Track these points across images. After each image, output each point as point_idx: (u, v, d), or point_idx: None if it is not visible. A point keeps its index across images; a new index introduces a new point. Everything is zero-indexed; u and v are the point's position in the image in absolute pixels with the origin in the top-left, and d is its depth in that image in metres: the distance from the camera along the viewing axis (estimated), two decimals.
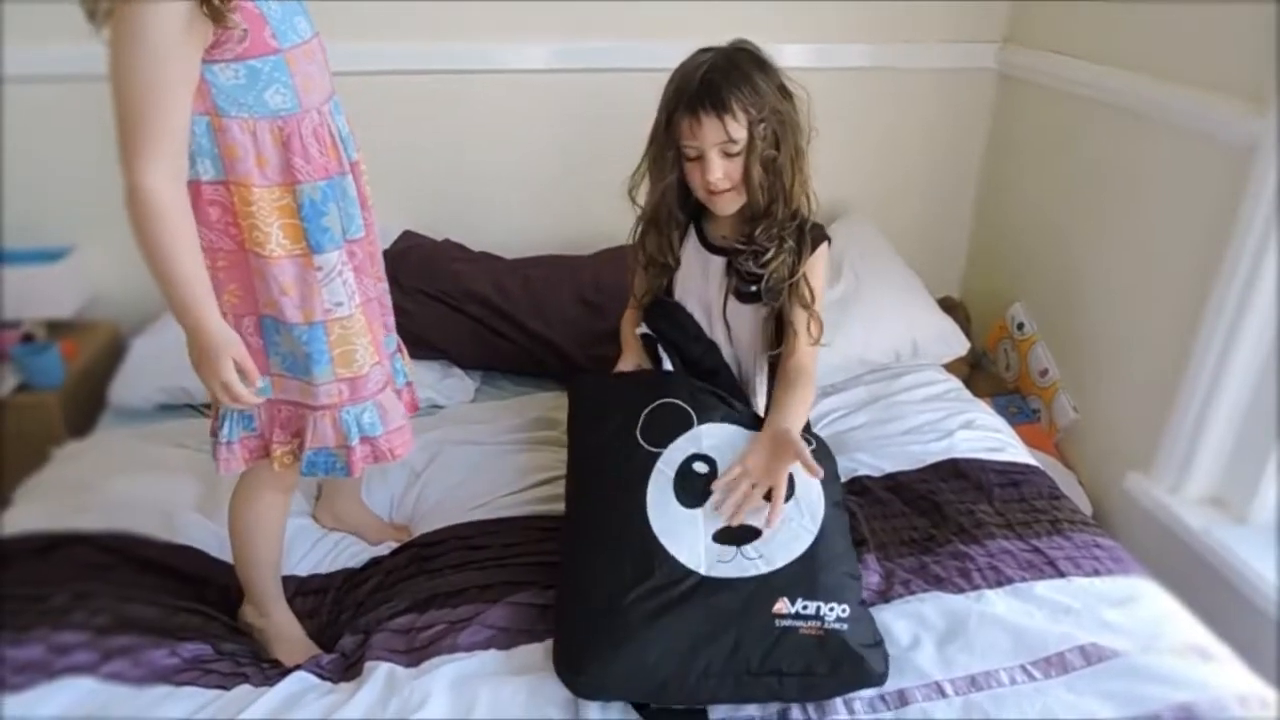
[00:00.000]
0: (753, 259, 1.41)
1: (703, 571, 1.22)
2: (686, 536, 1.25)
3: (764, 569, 1.23)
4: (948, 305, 2.42)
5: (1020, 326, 2.24)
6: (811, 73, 1.41)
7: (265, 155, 1.11)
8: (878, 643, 1.23)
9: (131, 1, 0.98)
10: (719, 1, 2.04)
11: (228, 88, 1.07)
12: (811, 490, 1.31)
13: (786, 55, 1.43)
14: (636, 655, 1.16)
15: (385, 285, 1.36)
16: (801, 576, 1.23)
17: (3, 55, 1.79)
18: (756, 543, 1.25)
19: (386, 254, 1.98)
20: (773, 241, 1.40)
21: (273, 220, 1.13)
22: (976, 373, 2.36)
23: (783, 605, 1.20)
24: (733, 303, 1.47)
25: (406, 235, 2.11)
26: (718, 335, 1.50)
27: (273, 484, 1.29)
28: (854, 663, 1.18)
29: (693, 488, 1.30)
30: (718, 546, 1.24)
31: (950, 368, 2.11)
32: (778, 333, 1.47)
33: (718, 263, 1.47)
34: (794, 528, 1.27)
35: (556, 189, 2.26)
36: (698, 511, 1.28)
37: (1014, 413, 2.16)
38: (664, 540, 1.24)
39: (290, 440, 1.26)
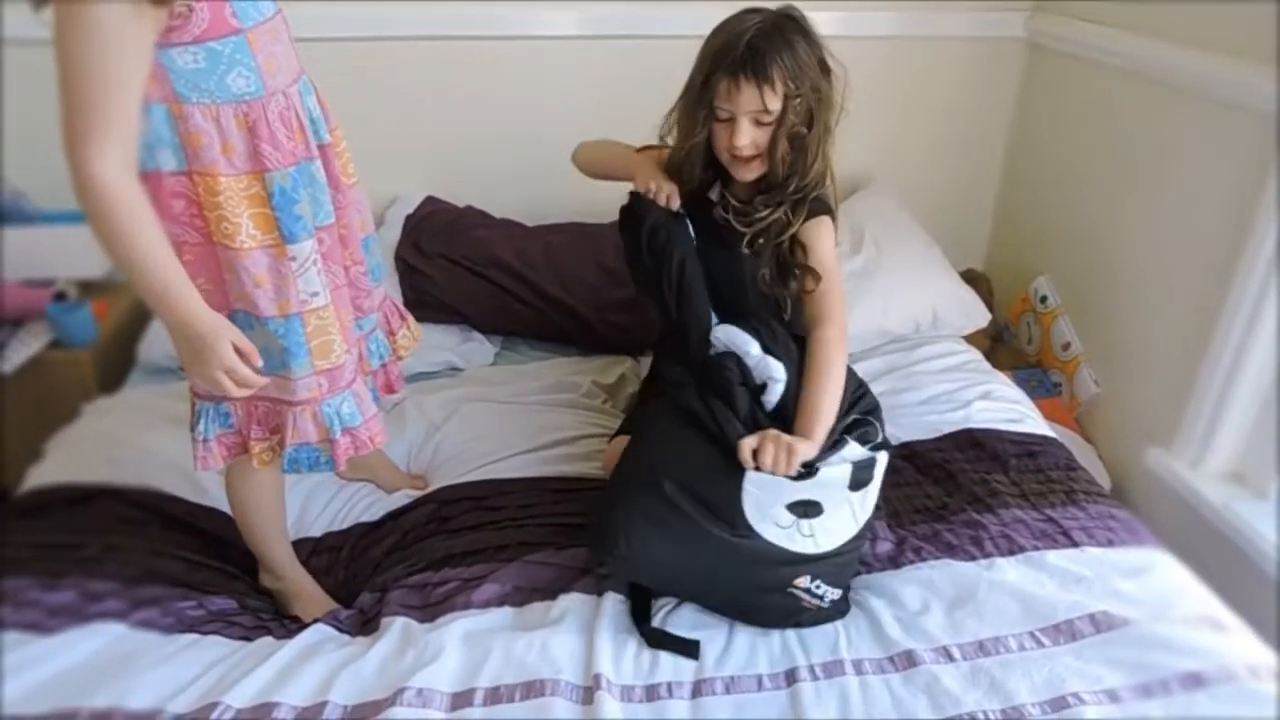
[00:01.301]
0: (740, 217, 1.39)
1: (758, 529, 1.23)
2: (766, 503, 1.23)
3: (810, 549, 1.24)
4: (971, 277, 2.40)
5: (1044, 300, 2.22)
6: (837, 40, 1.39)
7: (231, 142, 1.06)
8: (844, 613, 1.31)
9: None
10: None
11: (186, 72, 1.02)
12: (876, 484, 1.29)
13: (813, 22, 1.40)
14: (672, 550, 1.24)
15: (362, 267, 1.31)
16: (832, 566, 1.27)
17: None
18: (815, 520, 1.24)
19: (409, 219, 2.04)
20: (767, 207, 1.38)
21: (242, 210, 1.08)
22: (998, 346, 2.34)
23: (803, 581, 1.25)
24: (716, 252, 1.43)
25: (429, 201, 2.12)
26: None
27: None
28: (821, 619, 1.28)
29: None
30: (785, 513, 1.24)
31: (972, 340, 2.09)
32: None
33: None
34: (846, 519, 1.27)
35: None
36: (785, 482, 1.23)
37: (1035, 386, 2.15)
38: (747, 508, 1.23)
39: (269, 437, 1.22)
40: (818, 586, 1.25)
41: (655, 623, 1.27)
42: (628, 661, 1.20)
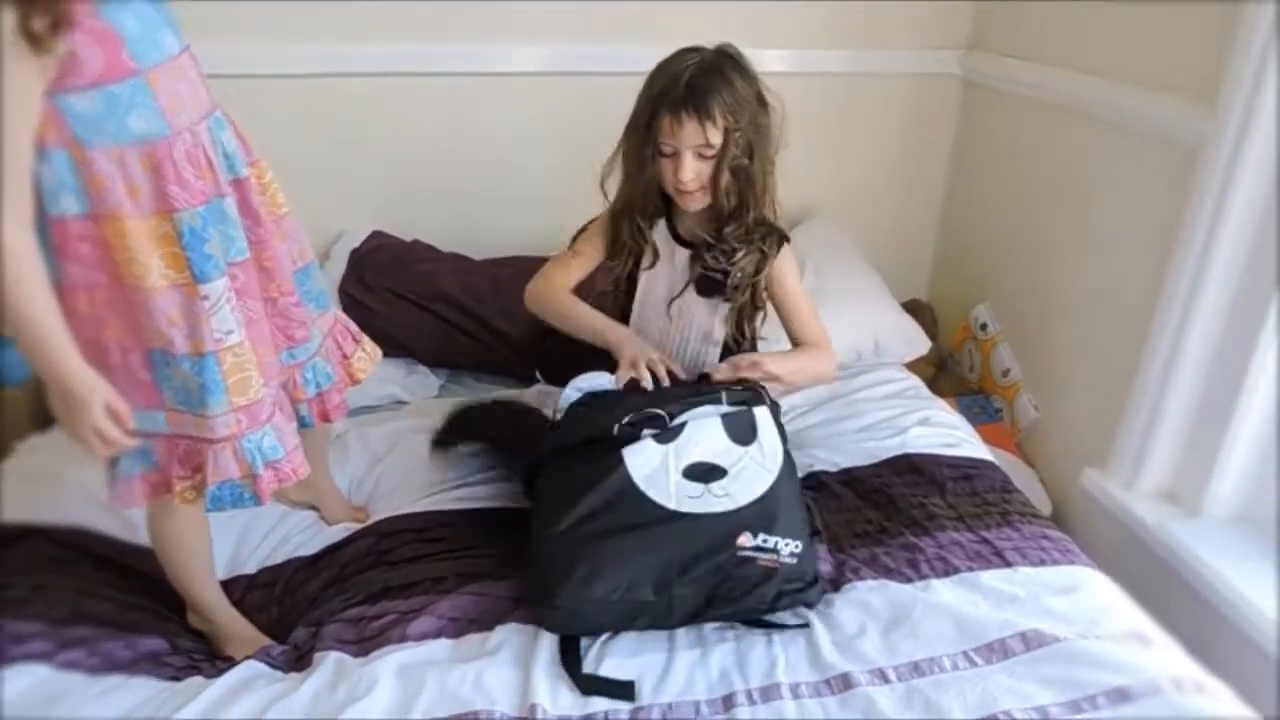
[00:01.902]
0: (723, 257, 1.48)
1: (672, 507, 1.28)
2: (660, 478, 1.30)
3: (729, 506, 1.29)
4: (915, 307, 2.45)
5: (984, 327, 2.27)
6: (779, 77, 1.45)
7: (136, 184, 1.05)
8: (815, 580, 1.33)
9: None
10: (689, 3, 2.08)
11: (85, 116, 1.01)
12: (771, 436, 1.37)
13: (757, 61, 1.45)
14: (610, 580, 1.25)
15: (293, 298, 1.30)
16: (762, 514, 1.30)
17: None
18: (723, 481, 1.31)
19: (354, 253, 2.04)
20: (742, 242, 1.47)
21: (152, 251, 1.08)
22: (942, 373, 2.39)
23: (745, 538, 1.28)
24: (690, 294, 1.52)
25: (375, 235, 2.13)
26: (671, 320, 1.57)
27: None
28: (794, 593, 1.30)
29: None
30: (687, 483, 1.30)
31: (915, 368, 2.13)
32: (738, 328, 1.58)
33: (683, 254, 1.52)
34: (756, 469, 1.33)
35: (531, 191, 2.27)
36: (669, 449, 1.33)
37: (977, 412, 2.19)
38: (640, 484, 1.30)
39: (191, 475, 1.21)
40: (765, 541, 1.28)
41: (592, 653, 1.26)
42: (564, 691, 1.19)
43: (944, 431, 1.75)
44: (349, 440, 1.70)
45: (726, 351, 1.58)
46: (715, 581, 1.27)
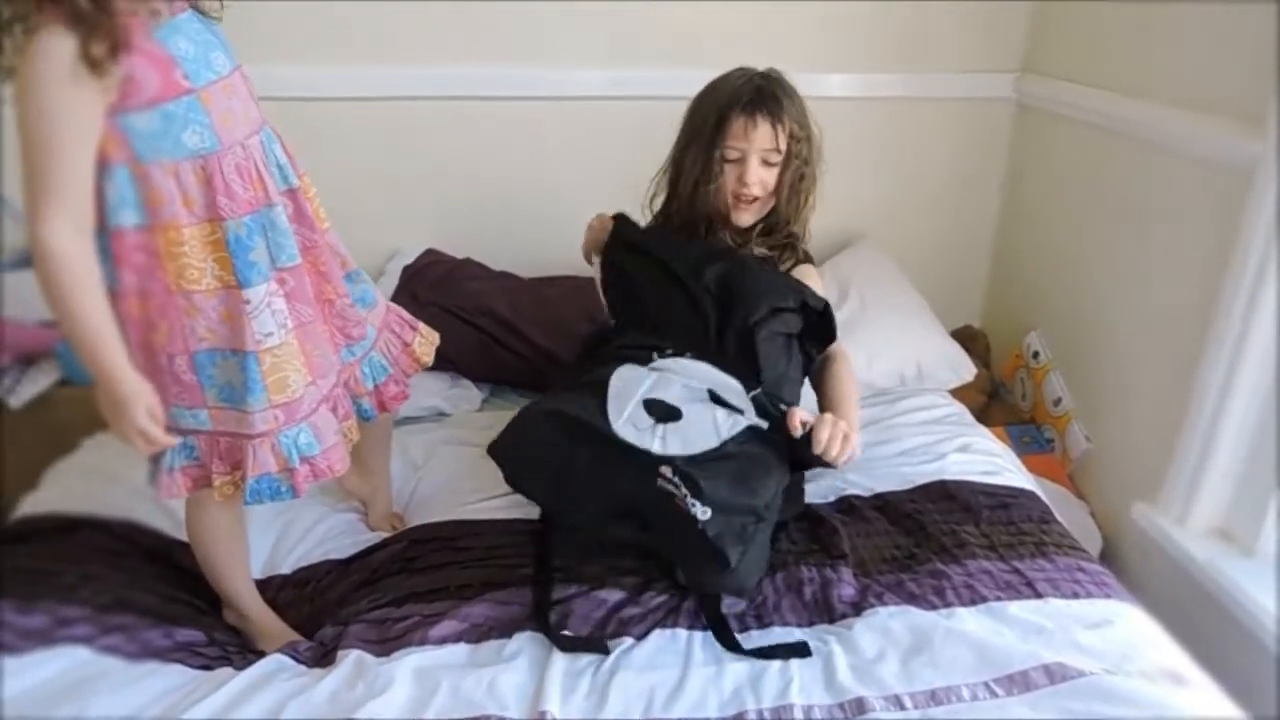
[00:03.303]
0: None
1: (616, 428, 1.30)
2: (626, 394, 1.34)
3: (659, 449, 1.29)
4: (968, 334, 2.42)
5: (1035, 355, 2.22)
6: (833, 101, 1.47)
7: (191, 195, 1.12)
8: (726, 564, 1.24)
9: (25, 59, 1.00)
10: (740, 28, 2.11)
11: (145, 134, 1.08)
12: (740, 419, 1.33)
13: (806, 85, 1.48)
14: (543, 456, 1.33)
15: (348, 299, 1.36)
16: (694, 469, 1.26)
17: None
18: (672, 425, 1.31)
19: (406, 269, 2.11)
20: (762, 247, 1.47)
21: (207, 255, 1.15)
22: (994, 402, 2.33)
23: (666, 470, 1.27)
24: None
25: (429, 253, 2.19)
26: None
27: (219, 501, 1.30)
28: (705, 556, 1.23)
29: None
30: (642, 413, 1.31)
31: (967, 396, 2.10)
32: None
33: None
34: (706, 427, 1.32)
35: (581, 212, 2.30)
36: (648, 379, 1.36)
37: (1028, 442, 2.13)
38: (610, 391, 1.34)
39: (230, 472, 1.26)
40: (679, 486, 1.25)
41: (607, 666, 1.26)
42: (576, 700, 1.21)
43: (983, 459, 1.71)
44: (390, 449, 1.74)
45: None
46: (631, 491, 1.28)
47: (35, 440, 1.81)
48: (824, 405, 1.48)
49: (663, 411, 1.31)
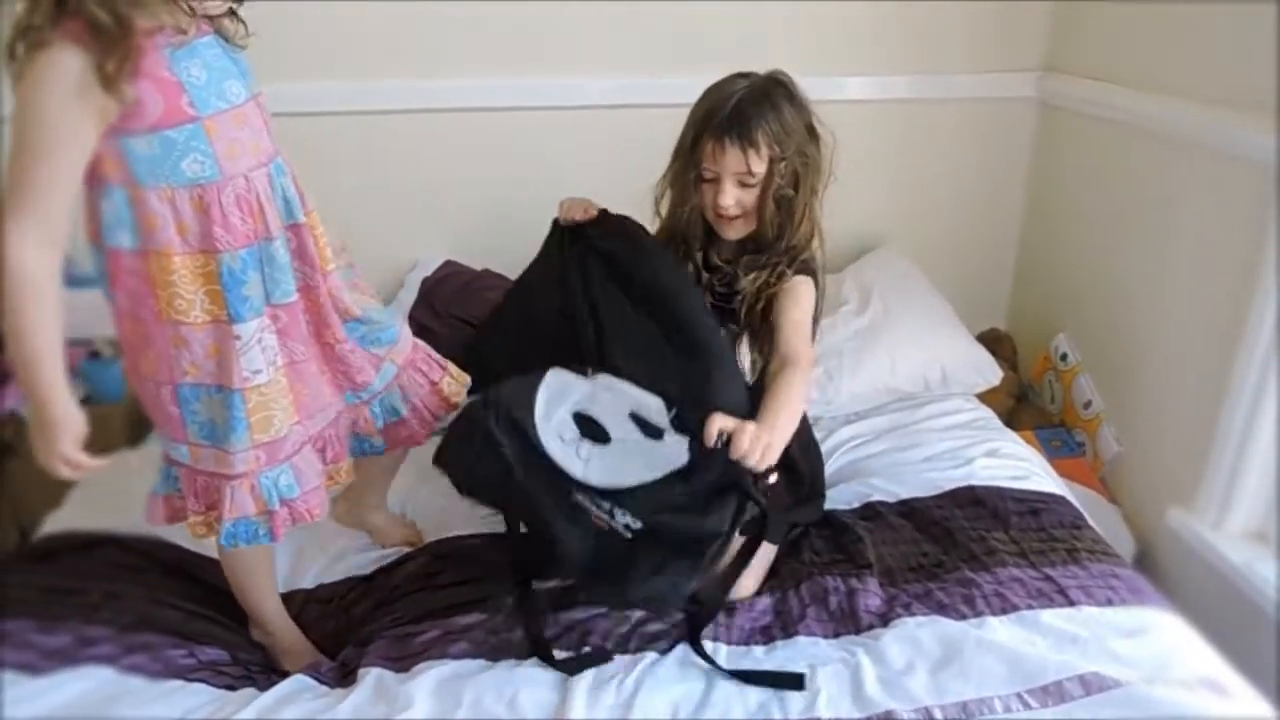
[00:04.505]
0: (727, 282, 1.42)
1: (541, 438, 1.23)
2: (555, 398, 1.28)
3: (577, 472, 1.21)
4: (994, 337, 2.38)
5: (1064, 357, 2.18)
6: (851, 105, 1.42)
7: (185, 223, 1.10)
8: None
9: (32, 66, 0.99)
10: (756, 31, 2.08)
11: (143, 158, 1.06)
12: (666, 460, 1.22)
13: (826, 89, 1.44)
14: (475, 466, 1.26)
15: (348, 345, 1.31)
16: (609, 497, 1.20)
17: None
18: (597, 448, 1.23)
19: (425, 281, 2.11)
20: (751, 269, 1.40)
21: (197, 287, 1.12)
22: (1022, 406, 2.29)
23: (581, 498, 1.21)
24: None
25: (447, 264, 2.19)
26: None
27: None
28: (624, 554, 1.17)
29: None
30: (570, 425, 1.25)
31: (995, 399, 2.06)
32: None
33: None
34: (634, 465, 1.21)
35: None
36: (583, 387, 1.29)
37: (1057, 446, 2.09)
38: (540, 396, 1.27)
39: (205, 512, 1.23)
40: (601, 504, 1.19)
41: (631, 679, 1.24)
42: (600, 714, 1.19)
43: (1012, 464, 1.68)
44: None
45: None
46: (556, 501, 1.22)
47: None
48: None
49: (591, 429, 1.25)
